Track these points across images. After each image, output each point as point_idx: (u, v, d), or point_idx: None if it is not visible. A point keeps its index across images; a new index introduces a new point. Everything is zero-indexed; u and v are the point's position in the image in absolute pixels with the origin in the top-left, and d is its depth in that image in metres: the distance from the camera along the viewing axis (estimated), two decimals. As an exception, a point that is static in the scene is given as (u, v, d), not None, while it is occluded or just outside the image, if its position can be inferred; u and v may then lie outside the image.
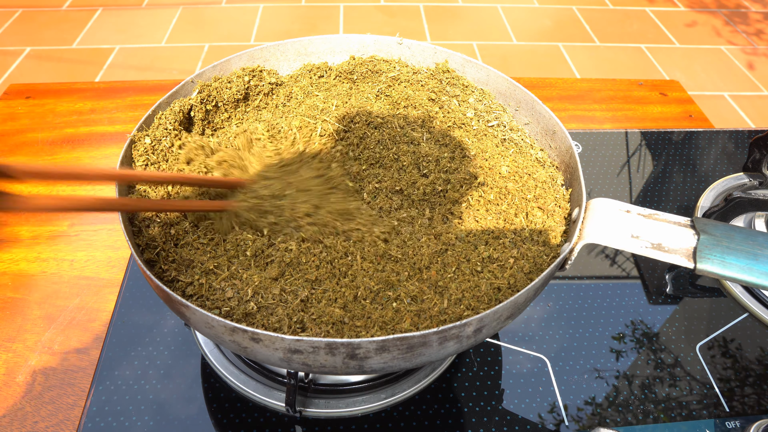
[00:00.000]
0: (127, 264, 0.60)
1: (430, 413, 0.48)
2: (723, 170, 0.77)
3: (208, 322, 0.34)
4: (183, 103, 0.51)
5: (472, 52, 2.05)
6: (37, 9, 2.19)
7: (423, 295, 0.38)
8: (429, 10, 2.30)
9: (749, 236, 0.38)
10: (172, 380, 0.50)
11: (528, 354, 0.53)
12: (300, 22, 2.18)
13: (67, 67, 1.88)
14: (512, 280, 0.40)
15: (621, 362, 0.53)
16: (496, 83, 0.57)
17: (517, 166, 0.49)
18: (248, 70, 0.56)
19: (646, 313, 0.58)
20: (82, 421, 0.47)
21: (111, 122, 0.80)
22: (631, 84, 0.94)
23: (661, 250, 0.38)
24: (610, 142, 0.80)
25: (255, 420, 0.47)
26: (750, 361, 0.54)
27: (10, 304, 0.56)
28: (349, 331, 0.36)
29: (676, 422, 0.49)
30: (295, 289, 0.39)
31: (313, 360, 0.34)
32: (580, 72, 1.97)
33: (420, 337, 0.32)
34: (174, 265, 0.40)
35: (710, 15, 2.38)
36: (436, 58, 0.59)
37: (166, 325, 0.54)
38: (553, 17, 2.30)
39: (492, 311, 0.34)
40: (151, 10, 2.22)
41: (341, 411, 0.48)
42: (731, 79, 1.98)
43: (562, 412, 0.49)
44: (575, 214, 0.43)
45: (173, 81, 0.78)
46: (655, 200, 0.72)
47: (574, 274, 0.61)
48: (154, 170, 0.47)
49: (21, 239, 0.63)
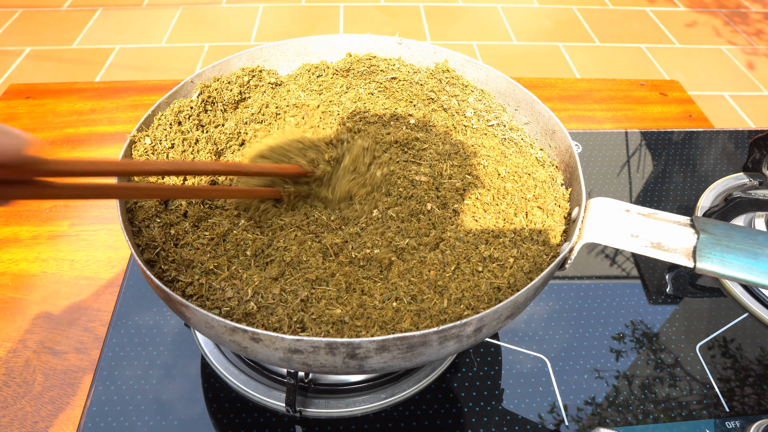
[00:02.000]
0: (127, 264, 0.60)
1: (430, 413, 0.48)
2: (723, 170, 0.77)
3: (208, 322, 0.34)
4: (183, 104, 0.51)
5: (472, 52, 2.05)
6: (37, 9, 2.19)
7: (423, 295, 0.38)
8: (429, 10, 2.30)
9: (749, 235, 0.38)
10: (172, 380, 0.50)
11: (528, 354, 0.53)
12: (300, 22, 2.18)
13: (67, 67, 1.88)
14: (512, 280, 0.40)
15: (621, 362, 0.53)
16: (495, 83, 0.57)
17: (517, 166, 0.49)
18: (248, 70, 0.56)
19: (646, 313, 0.58)
20: (82, 421, 0.47)
21: (111, 122, 0.80)
22: (631, 84, 0.94)
23: (661, 249, 0.38)
24: (610, 142, 0.80)
25: (255, 420, 0.47)
26: (750, 361, 0.54)
27: (10, 304, 0.56)
28: (349, 331, 0.36)
29: (676, 422, 0.49)
30: (295, 289, 0.39)
31: (314, 360, 0.34)
32: (580, 72, 1.97)
33: (420, 336, 0.32)
34: (174, 265, 0.40)
35: (710, 15, 2.38)
36: (435, 58, 0.59)
37: (166, 325, 0.54)
38: (553, 17, 2.30)
39: (492, 311, 0.34)
40: (151, 10, 2.22)
41: (341, 411, 0.48)
42: (731, 79, 1.98)
43: (562, 412, 0.49)
44: (575, 214, 0.43)
45: (173, 81, 0.78)
46: (655, 200, 0.72)
47: (574, 274, 0.61)
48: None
49: (21, 239, 0.63)
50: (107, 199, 0.34)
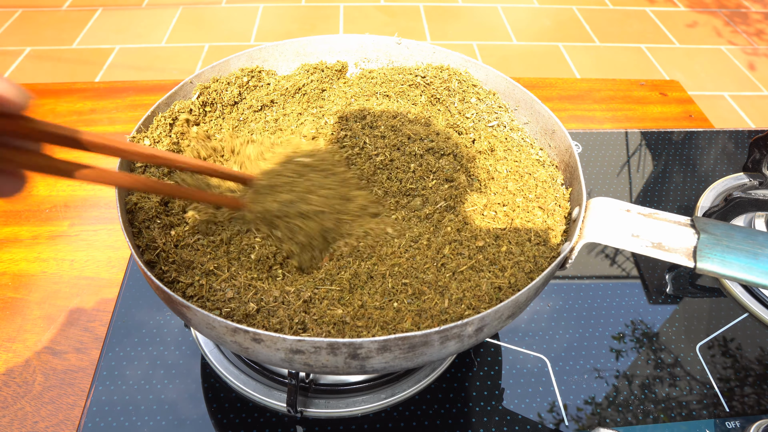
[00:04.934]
0: (127, 264, 0.60)
1: (430, 413, 0.48)
2: (723, 170, 0.77)
3: (209, 323, 0.34)
4: (183, 105, 0.51)
5: (472, 52, 2.05)
6: (37, 9, 2.19)
7: (424, 295, 0.38)
8: (429, 10, 2.30)
9: (749, 235, 0.38)
10: (172, 380, 0.50)
11: (528, 354, 0.53)
12: (300, 22, 2.18)
13: (67, 67, 1.88)
14: (513, 280, 0.40)
15: (621, 362, 0.53)
16: (495, 83, 0.57)
17: (518, 166, 0.49)
18: (247, 71, 0.56)
19: (646, 313, 0.58)
20: (82, 421, 0.47)
21: (111, 122, 0.80)
22: (631, 84, 0.94)
23: (661, 249, 0.38)
24: (610, 142, 0.80)
25: (255, 420, 0.47)
26: (750, 361, 0.54)
27: (10, 304, 0.56)
28: (351, 331, 0.36)
29: (676, 422, 0.49)
30: (297, 290, 0.39)
31: (315, 360, 0.33)
32: (580, 72, 1.97)
33: (422, 336, 0.32)
34: (174, 266, 0.40)
35: (710, 15, 2.38)
36: (434, 57, 0.59)
37: (166, 325, 0.54)
38: (553, 17, 2.30)
39: (493, 310, 0.34)
40: (151, 10, 2.22)
41: (341, 411, 0.48)
42: (731, 79, 1.98)
43: (562, 412, 0.49)
44: (575, 214, 0.43)
45: (173, 81, 0.78)
46: (655, 200, 0.72)
47: (574, 274, 0.61)
48: (158, 170, 0.47)
49: (21, 239, 0.63)
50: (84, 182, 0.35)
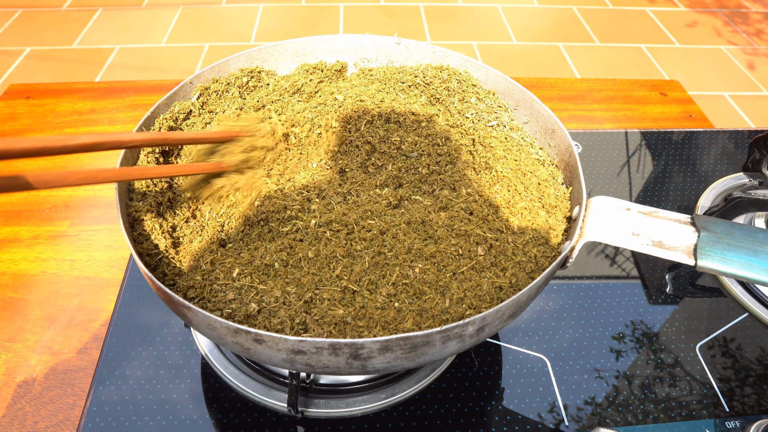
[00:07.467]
0: (127, 264, 0.60)
1: (430, 413, 0.48)
2: (723, 170, 0.77)
3: (210, 323, 0.34)
4: (183, 106, 0.51)
5: (472, 52, 2.05)
6: (37, 9, 2.19)
7: (425, 295, 0.38)
8: (429, 10, 2.30)
9: (749, 233, 0.38)
10: (172, 380, 0.50)
11: (528, 354, 0.53)
12: (300, 22, 2.18)
13: (67, 67, 1.88)
14: (514, 279, 0.40)
15: (621, 362, 0.53)
16: (494, 83, 0.57)
17: (518, 165, 0.49)
18: (246, 71, 0.56)
19: (646, 313, 0.58)
20: (82, 421, 0.47)
21: (111, 122, 0.80)
22: (632, 84, 0.94)
23: (661, 247, 0.38)
24: (610, 142, 0.80)
25: (255, 420, 0.47)
26: (750, 361, 0.54)
27: (10, 304, 0.56)
28: (352, 332, 0.36)
29: (676, 422, 0.49)
30: (299, 290, 0.39)
31: (317, 360, 0.33)
32: (580, 72, 1.97)
33: (423, 336, 0.32)
34: (175, 266, 0.40)
35: (710, 15, 2.38)
36: (434, 57, 0.59)
37: (166, 325, 0.54)
38: (553, 17, 2.30)
39: (494, 310, 0.34)
40: (151, 10, 2.22)
41: (341, 411, 0.48)
42: (731, 79, 1.98)
43: (562, 412, 0.49)
44: (576, 213, 0.43)
45: (173, 81, 0.78)
46: (655, 200, 0.72)
47: (575, 274, 0.61)
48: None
49: (21, 239, 0.63)
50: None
